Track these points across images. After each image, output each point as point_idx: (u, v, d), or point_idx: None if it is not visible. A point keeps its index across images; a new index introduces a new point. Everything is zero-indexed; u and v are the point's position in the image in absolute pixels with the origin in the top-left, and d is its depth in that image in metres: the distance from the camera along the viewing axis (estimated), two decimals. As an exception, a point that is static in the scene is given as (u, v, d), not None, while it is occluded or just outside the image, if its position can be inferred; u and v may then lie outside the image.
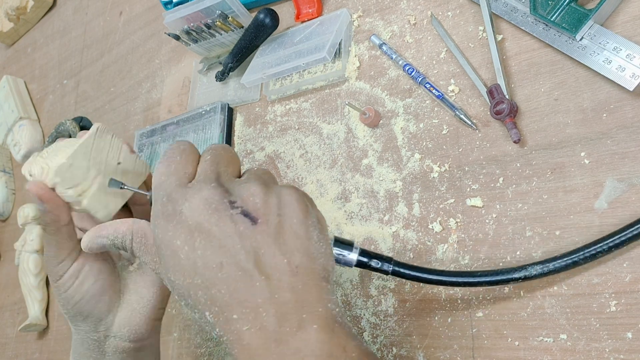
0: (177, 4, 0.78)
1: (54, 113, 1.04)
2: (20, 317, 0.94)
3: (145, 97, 0.86)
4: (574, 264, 0.41)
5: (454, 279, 0.44)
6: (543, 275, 0.42)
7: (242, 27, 0.70)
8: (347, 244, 0.42)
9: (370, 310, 0.53)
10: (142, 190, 0.45)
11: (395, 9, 0.60)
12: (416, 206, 0.53)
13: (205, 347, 0.65)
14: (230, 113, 0.72)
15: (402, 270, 0.44)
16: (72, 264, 0.47)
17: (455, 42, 0.54)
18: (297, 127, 0.65)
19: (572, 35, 0.45)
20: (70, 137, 0.91)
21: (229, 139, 0.71)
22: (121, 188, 0.44)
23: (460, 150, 0.52)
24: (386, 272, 0.43)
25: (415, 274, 0.44)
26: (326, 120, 0.62)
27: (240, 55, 0.70)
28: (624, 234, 0.40)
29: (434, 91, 0.53)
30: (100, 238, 0.43)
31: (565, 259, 0.41)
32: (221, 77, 0.72)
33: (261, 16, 0.66)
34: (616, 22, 0.46)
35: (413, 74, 0.55)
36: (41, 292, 0.89)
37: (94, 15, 1.02)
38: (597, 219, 0.43)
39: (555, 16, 0.47)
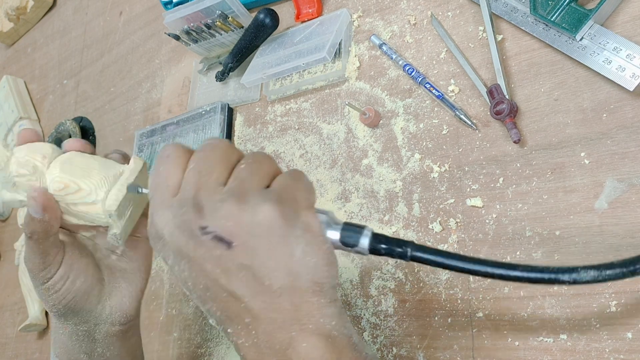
0: (177, 4, 0.78)
1: (54, 113, 1.04)
2: (20, 317, 0.94)
3: (145, 97, 0.86)
4: (632, 273, 0.34)
5: (484, 269, 0.36)
6: (595, 282, 0.35)
7: (242, 27, 0.70)
8: (356, 230, 0.37)
9: (370, 310, 0.53)
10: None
11: (395, 9, 0.60)
12: (416, 206, 0.53)
13: (205, 347, 0.65)
14: (230, 113, 0.72)
15: (422, 255, 0.37)
16: (58, 267, 0.47)
17: (455, 42, 0.54)
18: (297, 127, 0.65)
19: (572, 35, 0.45)
20: (70, 137, 0.91)
21: (229, 139, 0.71)
22: (138, 192, 0.44)
23: (460, 150, 0.52)
24: (405, 258, 0.37)
25: (437, 259, 0.37)
26: (326, 120, 0.62)
27: (240, 55, 0.70)
28: None
29: (434, 91, 0.53)
30: None
31: (623, 267, 0.34)
32: (221, 77, 0.72)
33: (261, 16, 0.66)
34: (616, 22, 0.46)
35: (413, 74, 0.55)
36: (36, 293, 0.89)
37: (94, 15, 1.02)
38: (597, 219, 0.43)
39: (555, 16, 0.47)
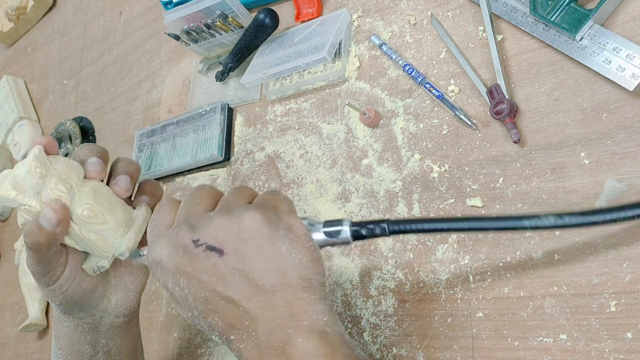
0: (177, 4, 0.78)
1: (54, 113, 1.04)
2: (20, 317, 0.94)
3: (145, 97, 0.86)
4: (591, 224, 0.37)
5: (457, 225, 0.40)
6: (556, 228, 0.37)
7: (242, 27, 0.70)
8: (336, 223, 0.41)
9: (370, 310, 0.53)
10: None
11: (395, 9, 0.60)
12: (416, 206, 0.53)
13: (205, 347, 0.65)
14: (230, 113, 0.71)
15: (400, 227, 0.41)
16: (63, 269, 0.48)
17: (455, 42, 0.54)
18: (297, 127, 0.65)
19: (572, 36, 0.45)
20: (70, 137, 0.91)
21: (229, 139, 0.71)
22: (140, 256, 0.48)
23: (460, 150, 0.52)
24: (385, 234, 0.41)
25: (415, 226, 0.40)
26: (326, 120, 0.62)
27: (240, 55, 0.70)
28: None
29: (434, 91, 0.53)
30: None
31: (584, 216, 0.37)
32: (221, 77, 0.72)
33: (261, 16, 0.66)
34: (616, 22, 0.46)
35: (413, 74, 0.55)
36: (41, 292, 0.89)
37: (94, 15, 1.02)
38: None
39: (555, 16, 0.47)
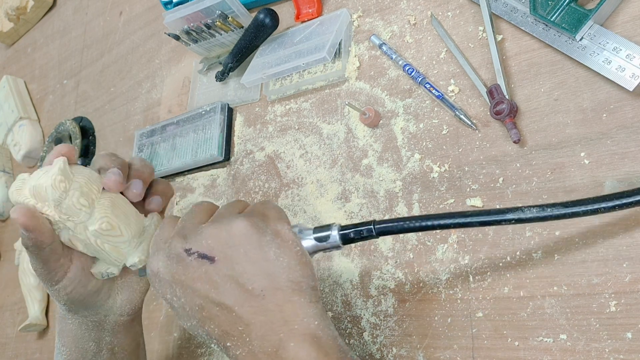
0: (177, 4, 0.78)
1: (54, 113, 1.04)
2: (20, 317, 0.94)
3: (145, 97, 0.86)
4: (573, 215, 0.37)
5: (442, 222, 0.40)
6: (538, 220, 0.38)
7: (242, 27, 0.70)
8: (325, 228, 0.42)
9: (370, 310, 0.53)
10: None
11: (395, 9, 0.60)
12: (416, 206, 0.53)
13: (205, 347, 0.65)
14: (230, 113, 0.71)
15: (386, 226, 0.41)
16: (66, 271, 0.48)
17: (455, 42, 0.54)
18: (297, 127, 0.65)
19: (572, 36, 0.45)
20: (70, 137, 0.91)
21: (229, 139, 0.71)
22: (147, 274, 0.48)
23: (460, 150, 0.52)
24: (373, 235, 0.42)
25: (401, 224, 0.41)
26: (326, 120, 0.62)
27: (240, 55, 0.70)
28: (631, 196, 0.36)
29: (434, 91, 0.53)
30: None
31: (566, 208, 0.37)
32: (221, 77, 0.72)
33: (261, 16, 0.66)
34: (616, 22, 0.46)
35: (413, 74, 0.55)
36: (41, 292, 0.89)
37: (94, 15, 1.02)
38: (597, 219, 0.43)
39: (555, 16, 0.47)
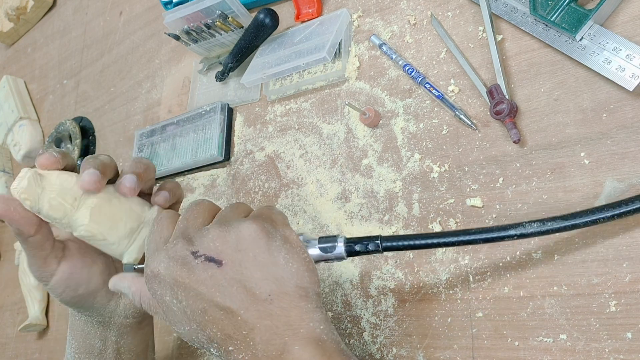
0: (177, 4, 0.78)
1: (54, 113, 1.04)
2: (20, 317, 0.94)
3: (145, 97, 0.86)
4: (573, 227, 0.39)
5: (447, 240, 0.42)
6: (540, 234, 0.40)
7: (242, 27, 0.70)
8: (330, 239, 0.42)
9: (370, 310, 0.53)
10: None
11: (395, 9, 0.60)
12: (416, 206, 0.53)
13: (205, 347, 0.65)
14: (230, 113, 0.72)
15: (392, 244, 0.42)
16: (55, 271, 0.49)
17: (455, 42, 0.54)
18: (297, 127, 0.65)
19: (572, 36, 0.45)
20: (70, 137, 0.91)
21: (228, 139, 0.71)
22: (134, 269, 0.48)
23: (460, 150, 0.52)
24: (379, 250, 0.42)
25: (407, 242, 0.42)
26: (326, 120, 0.62)
27: (240, 55, 0.70)
28: (629, 205, 0.37)
29: (434, 91, 0.53)
30: (121, 286, 0.47)
31: (565, 221, 0.39)
32: (221, 77, 0.72)
33: (261, 16, 0.66)
34: (616, 22, 0.46)
35: (413, 74, 0.55)
36: (41, 292, 0.89)
37: (94, 15, 1.02)
38: (597, 219, 0.43)
39: (555, 16, 0.47)
